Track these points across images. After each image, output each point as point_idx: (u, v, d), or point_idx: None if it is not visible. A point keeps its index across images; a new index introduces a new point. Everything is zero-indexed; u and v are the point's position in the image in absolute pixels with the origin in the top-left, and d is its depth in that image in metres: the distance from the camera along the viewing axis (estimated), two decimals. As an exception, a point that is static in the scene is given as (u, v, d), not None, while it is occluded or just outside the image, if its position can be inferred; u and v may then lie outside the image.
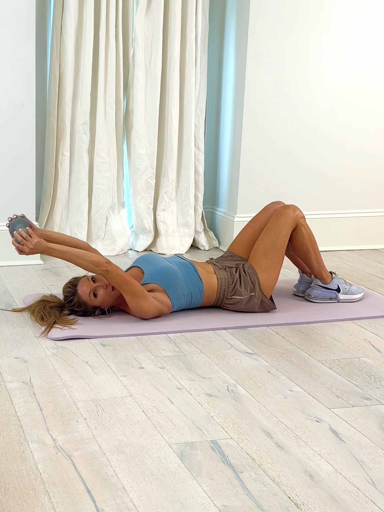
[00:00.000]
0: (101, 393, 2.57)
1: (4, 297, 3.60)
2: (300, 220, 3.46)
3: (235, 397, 2.57)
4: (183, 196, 4.63)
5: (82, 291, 3.22)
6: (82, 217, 4.43)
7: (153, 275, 3.29)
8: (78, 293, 3.22)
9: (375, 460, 2.17)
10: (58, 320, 3.16)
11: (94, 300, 3.24)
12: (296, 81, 4.52)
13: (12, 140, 4.08)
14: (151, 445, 2.22)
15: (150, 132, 4.48)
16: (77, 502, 1.91)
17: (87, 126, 4.33)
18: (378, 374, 2.81)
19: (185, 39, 4.43)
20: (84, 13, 4.20)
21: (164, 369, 2.79)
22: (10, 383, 2.62)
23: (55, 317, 3.16)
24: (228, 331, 3.23)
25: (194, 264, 3.39)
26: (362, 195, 4.78)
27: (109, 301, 3.28)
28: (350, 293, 3.63)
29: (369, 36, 4.56)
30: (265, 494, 1.98)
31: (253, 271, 3.39)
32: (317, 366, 2.87)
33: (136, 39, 4.35)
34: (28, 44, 4.00)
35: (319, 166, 4.66)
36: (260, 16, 4.36)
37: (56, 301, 3.28)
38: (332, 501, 1.96)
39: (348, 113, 4.64)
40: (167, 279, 3.28)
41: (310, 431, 2.33)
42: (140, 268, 3.38)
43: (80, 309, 3.25)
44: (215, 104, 4.76)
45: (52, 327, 3.11)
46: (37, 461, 2.11)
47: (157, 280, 3.27)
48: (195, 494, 1.97)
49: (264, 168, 4.58)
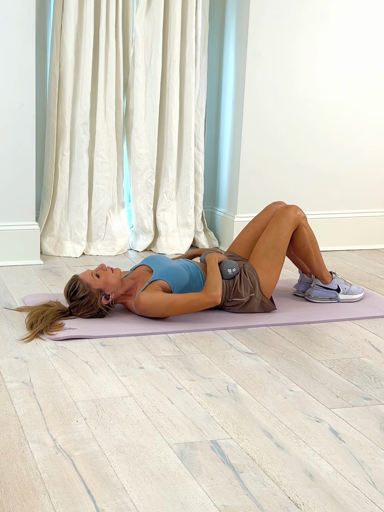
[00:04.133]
0: (101, 393, 2.57)
1: (4, 297, 3.60)
2: (302, 220, 3.45)
3: (235, 397, 2.57)
4: (183, 196, 4.63)
5: (83, 274, 3.24)
6: (82, 217, 4.43)
7: (162, 273, 3.30)
8: (80, 277, 3.23)
9: (375, 460, 2.17)
10: (46, 328, 3.10)
11: (98, 280, 3.21)
12: (296, 81, 4.52)
13: (12, 140, 4.08)
14: (151, 445, 2.22)
15: (150, 132, 4.48)
16: (77, 502, 1.91)
17: (87, 126, 4.33)
18: (378, 374, 2.81)
19: (185, 39, 4.43)
20: (84, 13, 4.20)
21: (164, 369, 2.79)
22: (10, 383, 2.62)
23: (44, 326, 3.10)
24: (228, 331, 3.23)
25: (200, 268, 3.39)
26: (362, 195, 4.78)
27: (113, 283, 3.24)
28: (350, 293, 3.63)
29: (368, 36, 4.56)
30: (265, 494, 1.98)
31: (253, 271, 3.39)
32: (317, 366, 2.87)
33: (136, 39, 4.35)
34: (28, 44, 4.00)
35: (319, 166, 4.66)
36: (260, 16, 4.36)
37: (60, 307, 3.26)
38: (332, 501, 1.96)
39: (348, 113, 4.64)
40: (175, 278, 3.29)
41: (310, 431, 2.33)
42: (149, 266, 3.38)
43: (85, 296, 3.20)
44: (215, 104, 4.76)
45: (35, 336, 3.06)
46: (37, 461, 2.11)
47: (165, 277, 3.28)
48: (195, 494, 1.97)
49: (264, 168, 4.58)
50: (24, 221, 4.19)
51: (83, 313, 3.25)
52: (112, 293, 3.25)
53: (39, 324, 3.10)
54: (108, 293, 3.24)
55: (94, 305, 3.23)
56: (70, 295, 3.23)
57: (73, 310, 3.24)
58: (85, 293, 3.20)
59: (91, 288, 3.21)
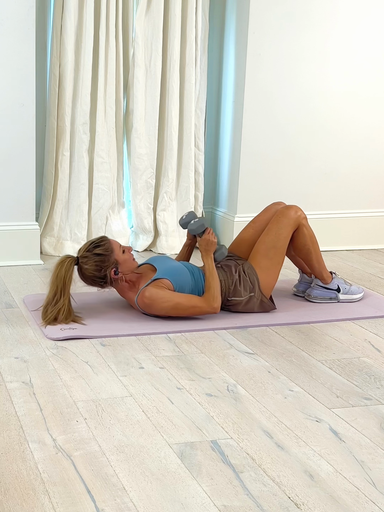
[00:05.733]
0: (101, 393, 2.57)
1: (4, 297, 3.60)
2: (302, 221, 3.46)
3: (235, 397, 2.57)
4: (183, 196, 4.63)
5: (113, 241, 3.29)
6: (82, 217, 4.43)
7: (166, 271, 3.31)
8: (109, 240, 3.27)
9: (375, 460, 2.17)
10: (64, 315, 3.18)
11: (121, 255, 3.25)
12: (296, 81, 4.52)
13: (12, 140, 4.08)
14: (151, 445, 2.22)
15: (150, 132, 4.48)
16: (77, 502, 1.91)
17: (87, 126, 4.33)
18: (378, 374, 2.81)
19: (185, 39, 4.43)
20: (84, 13, 4.20)
21: (164, 369, 2.79)
22: (10, 383, 2.62)
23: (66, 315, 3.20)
24: (228, 331, 3.23)
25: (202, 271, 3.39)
26: (362, 195, 4.78)
27: (129, 266, 3.28)
28: (350, 293, 3.63)
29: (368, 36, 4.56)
30: (265, 494, 1.98)
31: (253, 271, 3.39)
32: (317, 366, 2.87)
33: (136, 39, 4.35)
34: (28, 44, 4.00)
35: (319, 166, 4.66)
36: (260, 16, 4.36)
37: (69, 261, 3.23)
38: (332, 501, 1.96)
39: (348, 114, 4.64)
40: (178, 277, 3.30)
41: (310, 431, 2.33)
42: (152, 265, 3.39)
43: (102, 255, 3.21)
44: (215, 104, 4.76)
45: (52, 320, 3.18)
46: (37, 461, 2.11)
47: (168, 275, 3.28)
48: (195, 494, 1.97)
49: (264, 168, 4.58)
50: (24, 221, 4.19)
51: (88, 268, 3.22)
52: (122, 274, 3.27)
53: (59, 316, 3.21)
54: (120, 271, 3.26)
55: (103, 268, 3.23)
56: (91, 245, 3.25)
57: (81, 260, 3.23)
58: (105, 252, 3.22)
59: (112, 254, 3.23)
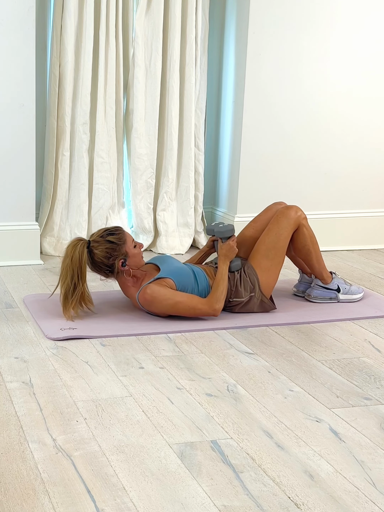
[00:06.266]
0: (101, 393, 2.57)
1: (4, 297, 3.60)
2: (302, 221, 3.46)
3: (235, 397, 2.57)
4: (183, 196, 4.63)
5: (128, 233, 3.32)
6: (82, 217, 4.43)
7: (169, 271, 3.31)
8: (124, 231, 3.29)
9: (375, 460, 2.17)
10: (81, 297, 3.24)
11: (132, 248, 3.28)
12: (296, 81, 4.52)
13: (12, 140, 4.08)
14: (151, 445, 2.22)
15: (150, 132, 4.48)
16: (77, 502, 1.91)
17: (87, 126, 4.33)
18: (378, 374, 2.81)
19: (185, 39, 4.43)
20: (84, 13, 4.20)
21: (164, 369, 2.79)
22: (10, 383, 2.62)
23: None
24: (228, 331, 3.23)
25: (205, 272, 3.39)
26: (362, 195, 4.78)
27: (137, 261, 3.30)
28: (350, 293, 3.63)
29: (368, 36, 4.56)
30: (265, 494, 1.98)
31: (253, 271, 3.39)
32: (317, 366, 2.87)
33: (136, 39, 4.35)
34: (28, 44, 4.00)
35: (319, 166, 4.66)
36: (260, 16, 4.36)
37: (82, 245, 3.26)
38: (332, 501, 1.96)
39: (348, 114, 4.64)
40: (182, 277, 3.30)
41: (310, 431, 2.33)
42: (156, 264, 3.39)
43: (114, 243, 3.23)
44: (215, 104, 4.76)
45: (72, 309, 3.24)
46: (37, 461, 2.11)
47: (172, 275, 3.29)
48: (195, 494, 1.97)
49: (264, 168, 4.58)
50: (24, 221, 4.19)
51: (98, 254, 3.23)
52: (129, 267, 3.28)
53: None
54: (127, 264, 3.27)
55: (112, 257, 3.24)
56: (105, 232, 3.27)
57: (93, 244, 3.24)
58: (117, 241, 3.25)
59: (124, 245, 3.25)
